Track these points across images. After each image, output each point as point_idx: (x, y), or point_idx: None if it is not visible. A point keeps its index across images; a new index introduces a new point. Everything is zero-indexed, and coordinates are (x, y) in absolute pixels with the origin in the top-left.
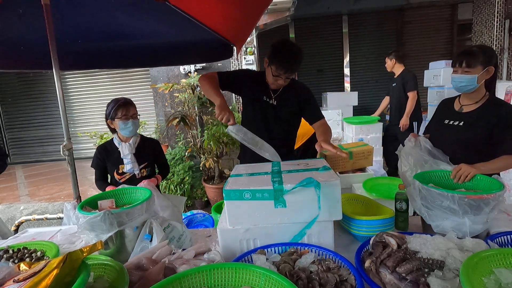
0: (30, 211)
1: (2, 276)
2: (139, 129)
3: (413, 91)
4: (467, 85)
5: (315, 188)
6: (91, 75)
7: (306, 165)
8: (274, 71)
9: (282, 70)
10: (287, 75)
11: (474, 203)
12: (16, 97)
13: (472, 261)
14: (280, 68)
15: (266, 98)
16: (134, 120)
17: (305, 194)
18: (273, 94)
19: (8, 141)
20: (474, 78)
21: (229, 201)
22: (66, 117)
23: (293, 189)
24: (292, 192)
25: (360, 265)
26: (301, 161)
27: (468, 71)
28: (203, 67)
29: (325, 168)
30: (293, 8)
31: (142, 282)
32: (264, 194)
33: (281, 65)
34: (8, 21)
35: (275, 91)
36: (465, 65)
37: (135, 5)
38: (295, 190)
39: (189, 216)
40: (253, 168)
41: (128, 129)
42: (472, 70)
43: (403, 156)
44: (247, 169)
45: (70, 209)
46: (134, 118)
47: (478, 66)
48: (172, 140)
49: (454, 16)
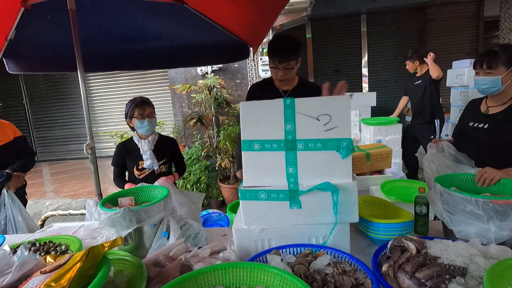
0: (55, 207)
1: (30, 267)
2: (158, 128)
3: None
4: (490, 87)
5: (332, 194)
6: (112, 77)
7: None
8: (271, 63)
9: (277, 59)
10: (283, 64)
11: (500, 208)
12: (43, 98)
13: (497, 268)
14: (275, 58)
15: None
16: (150, 119)
17: (322, 196)
18: (284, 94)
19: (35, 140)
20: (498, 79)
21: (244, 201)
22: (89, 117)
23: (309, 191)
24: (308, 193)
25: (377, 269)
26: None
27: (490, 72)
28: (220, 68)
29: (347, 147)
30: (310, 8)
31: (159, 278)
32: (279, 194)
33: (275, 54)
34: (37, 26)
35: (286, 91)
36: (486, 66)
37: (154, 8)
38: (311, 191)
39: (204, 215)
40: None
41: (145, 128)
42: (494, 72)
43: (425, 164)
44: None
45: (92, 205)
46: (150, 117)
47: (501, 67)
48: (189, 140)
49: (480, 13)
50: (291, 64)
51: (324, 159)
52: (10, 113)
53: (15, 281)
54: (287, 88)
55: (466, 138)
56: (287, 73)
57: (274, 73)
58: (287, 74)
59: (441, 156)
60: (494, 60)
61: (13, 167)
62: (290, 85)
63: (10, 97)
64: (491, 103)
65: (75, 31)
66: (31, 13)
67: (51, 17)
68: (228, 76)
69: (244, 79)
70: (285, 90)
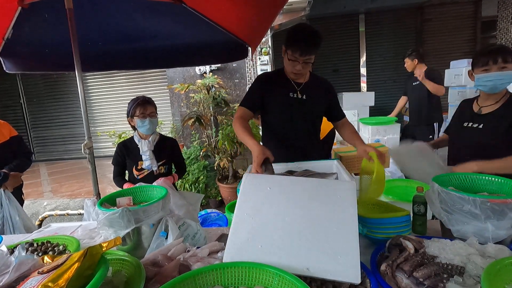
0: (53, 207)
1: (28, 267)
2: (157, 128)
3: (441, 85)
4: (505, 82)
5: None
6: (110, 76)
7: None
8: (290, 55)
9: (298, 51)
10: (304, 57)
11: (497, 208)
12: (41, 97)
13: (495, 267)
14: (295, 50)
15: (292, 94)
16: (151, 118)
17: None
18: (298, 87)
19: (33, 140)
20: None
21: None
22: (87, 117)
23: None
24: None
25: (375, 268)
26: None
27: (505, 66)
28: (218, 68)
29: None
30: (308, 7)
31: (158, 278)
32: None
33: (296, 46)
34: (34, 25)
35: (299, 84)
36: (501, 60)
37: (153, 8)
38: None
39: (203, 215)
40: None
41: (145, 127)
42: (509, 66)
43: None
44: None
45: (90, 205)
46: (152, 117)
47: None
48: (187, 140)
49: (478, 13)
50: (312, 58)
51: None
52: (8, 112)
53: (12, 282)
54: (301, 81)
55: (462, 139)
56: (305, 67)
57: (291, 65)
58: (305, 68)
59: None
60: (509, 55)
61: (9, 166)
62: (303, 78)
63: (8, 97)
64: (485, 102)
65: (72, 30)
66: (28, 12)
67: (49, 16)
68: (226, 75)
69: (242, 78)
70: (299, 82)
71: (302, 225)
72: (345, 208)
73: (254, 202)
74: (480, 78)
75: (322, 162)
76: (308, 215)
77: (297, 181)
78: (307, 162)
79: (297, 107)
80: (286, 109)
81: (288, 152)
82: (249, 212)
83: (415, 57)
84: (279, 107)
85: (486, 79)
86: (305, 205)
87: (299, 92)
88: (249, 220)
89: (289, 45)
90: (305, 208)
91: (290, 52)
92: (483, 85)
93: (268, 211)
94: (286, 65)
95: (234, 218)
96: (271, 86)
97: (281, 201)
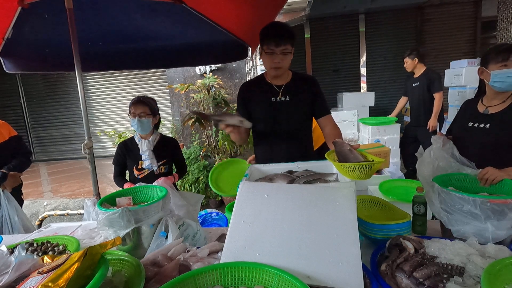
0: (53, 207)
1: (28, 267)
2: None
3: (439, 92)
4: None
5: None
6: (110, 76)
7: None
8: (267, 48)
9: (273, 43)
10: (280, 48)
11: (497, 208)
12: (41, 97)
13: (494, 268)
14: (270, 42)
15: (275, 98)
16: (140, 119)
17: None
18: (279, 89)
19: (33, 139)
20: None
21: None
22: (87, 117)
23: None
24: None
25: (375, 269)
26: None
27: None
28: (218, 68)
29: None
30: (308, 7)
31: (158, 278)
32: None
33: (270, 38)
34: (34, 25)
35: (280, 86)
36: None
37: (153, 8)
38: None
39: (203, 215)
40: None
41: (135, 126)
42: None
43: (427, 156)
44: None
45: (90, 205)
46: (141, 117)
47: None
48: (187, 140)
49: (478, 13)
50: (288, 47)
51: None
52: (8, 112)
53: (12, 282)
54: (280, 83)
55: (467, 139)
56: (284, 58)
57: (269, 60)
58: (284, 60)
59: (445, 153)
60: None
61: (8, 166)
62: (284, 79)
63: (8, 97)
64: (492, 102)
65: (73, 30)
66: (28, 12)
67: (49, 16)
68: (226, 75)
69: (242, 78)
70: (279, 85)
71: (301, 233)
72: (345, 214)
73: (251, 209)
74: (498, 74)
75: (322, 162)
76: (307, 222)
77: (295, 188)
78: (307, 162)
79: (281, 110)
80: (271, 114)
81: (280, 154)
82: (246, 220)
83: (415, 56)
84: (263, 113)
85: (506, 75)
86: (303, 212)
87: (281, 94)
88: (246, 228)
89: (264, 39)
90: (304, 215)
91: (266, 46)
92: (501, 81)
93: (266, 218)
94: (265, 63)
95: (231, 225)
96: (252, 94)
97: (279, 208)
